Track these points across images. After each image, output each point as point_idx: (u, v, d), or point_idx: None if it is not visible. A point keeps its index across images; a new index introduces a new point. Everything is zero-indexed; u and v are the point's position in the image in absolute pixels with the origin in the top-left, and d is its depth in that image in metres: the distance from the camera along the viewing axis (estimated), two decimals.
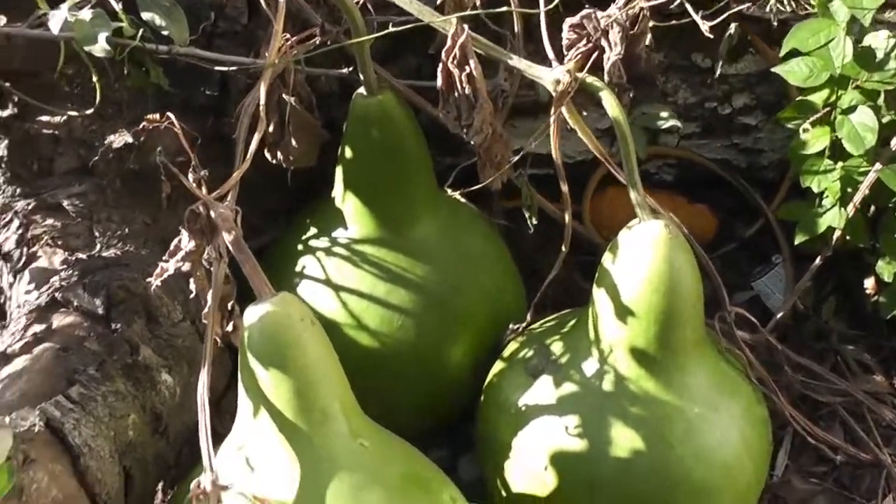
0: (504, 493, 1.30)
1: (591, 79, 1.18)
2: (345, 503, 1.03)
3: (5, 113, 1.46)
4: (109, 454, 1.08)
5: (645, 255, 1.18)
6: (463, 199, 1.47)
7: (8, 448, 0.87)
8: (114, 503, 1.07)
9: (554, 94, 1.19)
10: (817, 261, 1.51)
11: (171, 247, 1.12)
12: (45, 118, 1.45)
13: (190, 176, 1.08)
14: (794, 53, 1.39)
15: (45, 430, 1.02)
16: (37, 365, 1.12)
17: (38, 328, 1.18)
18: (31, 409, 1.03)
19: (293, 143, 1.37)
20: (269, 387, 1.05)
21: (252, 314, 1.06)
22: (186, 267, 1.11)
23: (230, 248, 1.07)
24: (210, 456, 1.00)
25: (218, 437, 1.31)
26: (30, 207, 1.38)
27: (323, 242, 1.40)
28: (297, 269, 1.40)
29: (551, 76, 1.19)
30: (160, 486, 1.31)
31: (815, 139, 1.42)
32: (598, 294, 1.23)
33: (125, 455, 1.12)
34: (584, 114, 1.23)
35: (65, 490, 1.01)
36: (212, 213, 1.08)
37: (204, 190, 1.08)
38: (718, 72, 1.49)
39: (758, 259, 1.73)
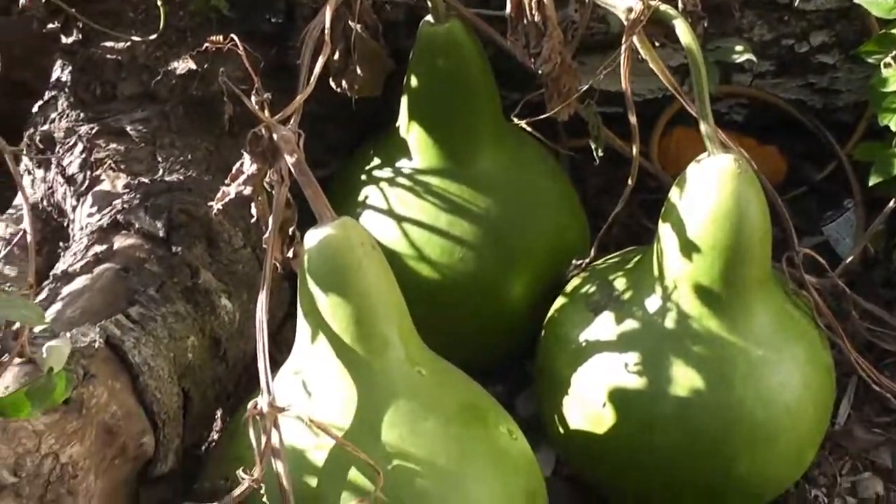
0: (561, 430, 1.29)
1: (664, 7, 1.16)
2: (402, 430, 1.03)
3: (69, 39, 1.47)
4: (168, 375, 1.09)
5: (712, 188, 1.16)
6: (529, 133, 1.45)
7: (65, 357, 0.88)
8: (172, 423, 1.08)
9: (626, 22, 1.17)
10: (891, 204, 1.47)
11: (233, 170, 1.12)
12: (108, 44, 1.46)
13: (252, 98, 1.08)
14: None
15: (105, 347, 1.03)
16: (97, 284, 1.13)
17: (99, 249, 1.19)
18: (91, 326, 1.03)
19: (358, 71, 1.35)
20: (328, 311, 1.05)
21: (312, 237, 1.05)
22: (248, 191, 1.11)
23: (292, 171, 1.07)
24: (268, 378, 1.00)
25: (276, 366, 1.32)
26: (93, 132, 1.38)
27: (386, 173, 1.40)
28: (360, 198, 1.40)
29: (624, 4, 1.17)
30: (219, 412, 1.32)
31: None
32: (664, 229, 1.21)
33: (184, 377, 1.12)
34: (656, 45, 1.20)
35: (124, 407, 1.02)
36: (274, 136, 1.08)
37: (266, 113, 1.08)
38: (797, 1, 1.45)
39: (828, 204, 1.70)
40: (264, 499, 0.97)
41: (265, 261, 1.07)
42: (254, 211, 1.13)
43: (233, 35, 1.11)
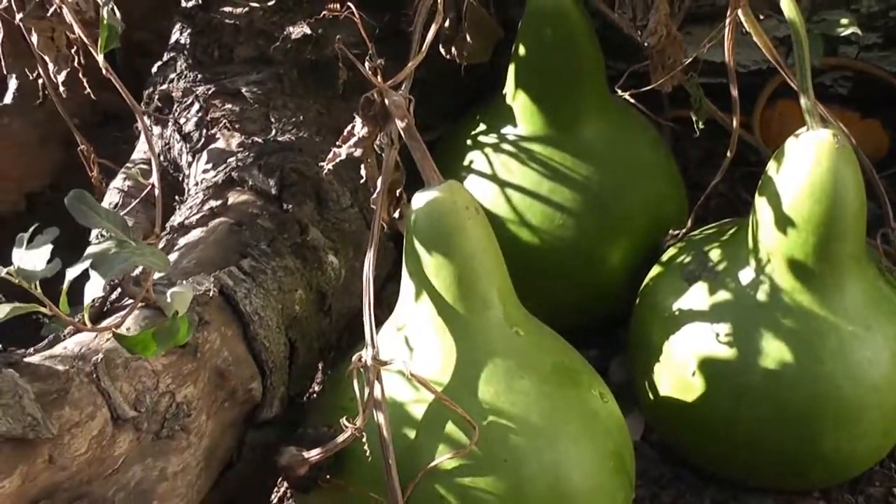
0: (651, 396, 1.32)
1: None
2: (498, 387, 1.07)
3: (190, 3, 1.53)
4: (276, 325, 1.13)
5: (809, 163, 1.16)
6: (632, 104, 1.47)
7: (188, 302, 0.93)
8: (278, 371, 1.12)
9: None
10: None
11: (345, 132, 1.16)
12: (227, 9, 1.51)
13: (366, 64, 1.11)
14: None
15: (219, 296, 1.08)
16: (212, 237, 1.18)
17: (214, 203, 1.23)
18: (206, 275, 1.08)
19: (468, 39, 1.39)
20: (432, 271, 1.08)
21: (419, 199, 1.09)
22: (358, 152, 1.15)
23: (402, 135, 1.11)
24: (372, 331, 1.05)
25: (378, 323, 1.37)
26: (209, 92, 1.43)
27: (491, 138, 1.43)
28: (465, 163, 1.43)
29: None
30: (321, 365, 1.37)
31: None
32: (760, 202, 1.22)
33: (291, 328, 1.16)
34: (762, 18, 1.21)
35: (234, 353, 1.06)
36: (386, 101, 1.11)
37: (379, 78, 1.11)
38: None
39: None
40: (365, 447, 1.01)
41: (373, 220, 1.11)
42: (363, 172, 1.17)
43: (349, 2, 1.15)
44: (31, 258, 0.84)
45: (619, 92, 1.33)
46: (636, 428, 1.42)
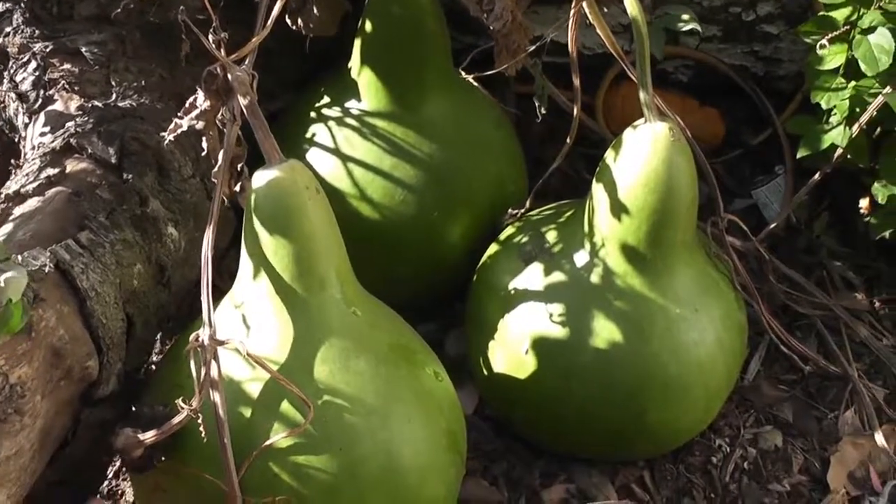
0: (485, 372, 1.35)
1: None
2: (333, 367, 1.08)
3: None
4: (114, 300, 1.11)
5: (645, 154, 1.20)
6: (476, 83, 1.49)
7: (23, 286, 0.91)
8: (116, 348, 1.11)
9: None
10: (816, 176, 1.53)
11: (187, 104, 1.14)
12: None
13: (210, 37, 1.09)
14: None
15: (55, 272, 1.05)
16: (49, 207, 1.15)
17: (51, 171, 1.20)
18: (42, 249, 1.06)
19: (314, 11, 1.38)
20: (271, 250, 1.08)
21: (260, 178, 1.08)
22: (200, 125, 1.14)
23: (244, 111, 1.10)
24: (210, 311, 1.05)
25: (218, 293, 1.35)
26: (48, 50, 1.39)
27: (335, 112, 1.43)
28: (307, 135, 1.43)
29: None
30: (159, 335, 1.36)
31: (832, 56, 1.42)
32: (597, 189, 1.25)
33: (129, 302, 1.15)
34: (606, 10, 1.24)
35: (71, 331, 1.04)
36: (229, 76, 1.10)
37: (223, 52, 1.10)
38: None
39: (761, 169, 1.76)
40: (201, 428, 1.02)
41: (214, 197, 1.10)
42: (204, 145, 1.16)
43: None
44: None
45: (464, 74, 1.34)
46: (470, 402, 1.45)
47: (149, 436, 1.03)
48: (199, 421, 1.01)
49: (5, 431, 0.93)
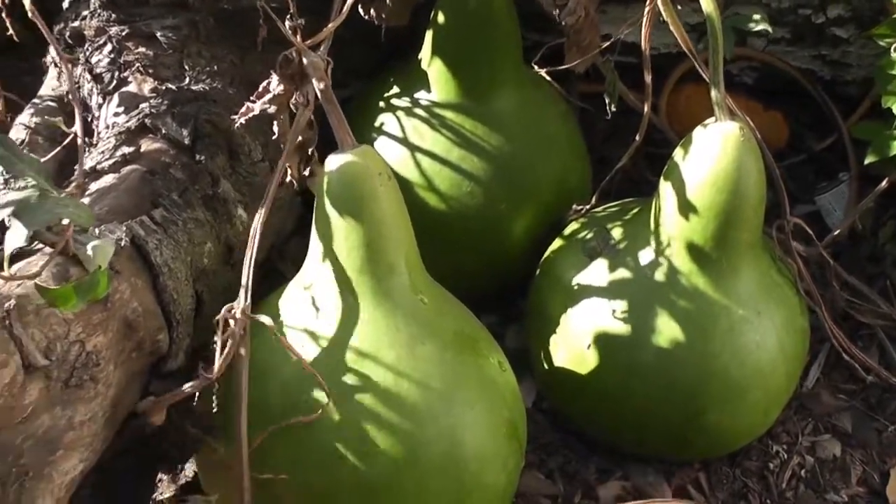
0: (546, 365, 1.35)
1: None
2: (400, 352, 1.09)
3: None
4: (185, 277, 1.13)
5: (715, 154, 1.20)
6: (545, 77, 1.49)
7: (111, 254, 0.93)
8: (185, 323, 1.13)
9: None
10: (883, 184, 1.51)
11: (260, 88, 1.16)
12: None
13: (287, 23, 1.11)
14: None
15: (130, 246, 1.07)
16: (124, 184, 1.17)
17: (126, 150, 1.22)
18: (118, 224, 1.07)
19: (388, 1, 1.38)
20: (341, 234, 1.10)
21: (333, 162, 1.10)
22: (272, 109, 1.15)
23: (318, 96, 1.11)
24: (248, 284, 1.07)
25: (280, 277, 1.38)
26: (123, 34, 1.40)
27: (404, 102, 1.44)
28: (376, 124, 1.44)
29: None
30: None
31: None
32: (664, 187, 1.25)
33: (198, 280, 1.17)
34: (679, 8, 1.24)
35: (143, 304, 1.06)
36: (304, 61, 1.12)
37: (298, 37, 1.11)
38: None
39: (824, 174, 1.74)
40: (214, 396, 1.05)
41: (273, 175, 1.12)
42: (276, 128, 1.17)
43: None
44: None
45: (536, 68, 1.34)
46: (528, 395, 1.45)
47: (165, 398, 1.05)
48: (214, 389, 1.04)
49: (81, 397, 0.94)
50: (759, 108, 1.71)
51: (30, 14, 1.16)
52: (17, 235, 0.83)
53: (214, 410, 1.06)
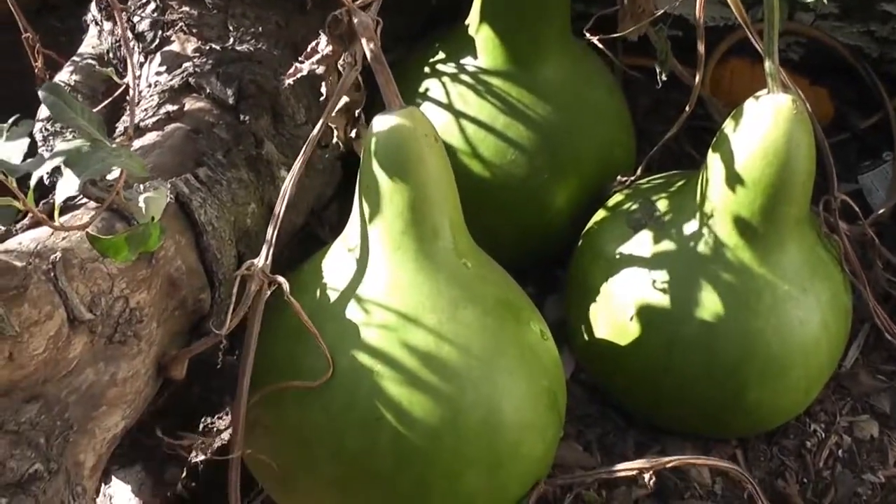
0: (585, 337, 1.34)
1: None
2: (442, 316, 1.08)
3: None
4: (229, 237, 1.13)
5: (766, 126, 1.18)
6: (592, 47, 1.47)
7: (163, 206, 0.92)
8: (227, 283, 1.12)
9: None
10: None
11: (308, 49, 1.15)
12: None
13: None
14: None
15: (174, 204, 1.07)
16: (168, 142, 1.16)
17: (170, 108, 1.21)
18: (162, 181, 1.07)
19: None
20: (387, 196, 1.08)
21: (380, 123, 1.08)
22: (321, 70, 1.14)
23: (367, 56, 1.10)
24: (271, 244, 1.06)
25: (318, 242, 1.37)
26: None
27: (450, 68, 1.42)
28: (421, 89, 1.42)
29: None
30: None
31: None
32: (713, 158, 1.24)
33: (241, 241, 1.16)
34: None
35: (187, 262, 1.06)
36: (354, 21, 1.10)
37: None
38: None
39: (868, 153, 1.72)
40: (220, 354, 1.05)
41: (310, 136, 1.11)
42: (324, 90, 1.16)
43: None
44: (8, 151, 0.81)
45: (588, 35, 1.33)
46: (567, 366, 1.44)
47: (182, 352, 1.04)
48: (222, 346, 1.04)
49: (124, 353, 0.94)
50: (804, 83, 1.69)
51: None
52: (68, 184, 0.82)
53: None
